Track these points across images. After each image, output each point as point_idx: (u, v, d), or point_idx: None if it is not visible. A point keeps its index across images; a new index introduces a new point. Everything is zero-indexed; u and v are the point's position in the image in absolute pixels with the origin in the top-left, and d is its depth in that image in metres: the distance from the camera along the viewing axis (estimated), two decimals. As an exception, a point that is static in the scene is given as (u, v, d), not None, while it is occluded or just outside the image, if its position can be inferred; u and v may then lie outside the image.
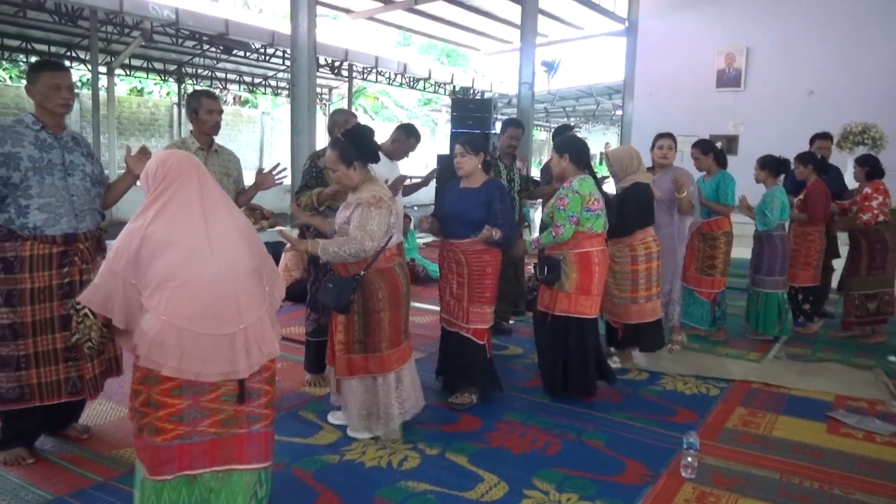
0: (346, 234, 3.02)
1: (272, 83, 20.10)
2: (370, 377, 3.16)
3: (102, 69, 14.52)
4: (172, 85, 20.27)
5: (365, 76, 18.63)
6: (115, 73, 15.47)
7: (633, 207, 4.04)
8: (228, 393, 2.04)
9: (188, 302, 1.96)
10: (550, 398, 3.80)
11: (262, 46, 14.47)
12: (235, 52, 14.86)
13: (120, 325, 1.97)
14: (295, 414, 3.48)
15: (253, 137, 23.36)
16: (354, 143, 3.05)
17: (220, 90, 18.93)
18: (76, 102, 3.31)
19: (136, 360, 2.01)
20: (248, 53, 15.22)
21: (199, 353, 1.97)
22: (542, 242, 3.74)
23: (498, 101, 16.77)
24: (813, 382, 4.19)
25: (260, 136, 23.66)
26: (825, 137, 5.94)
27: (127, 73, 17.16)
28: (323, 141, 6.27)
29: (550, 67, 17.44)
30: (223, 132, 3.55)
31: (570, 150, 3.75)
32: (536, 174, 6.47)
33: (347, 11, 13.37)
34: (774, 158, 5.00)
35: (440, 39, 17.19)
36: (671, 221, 4.58)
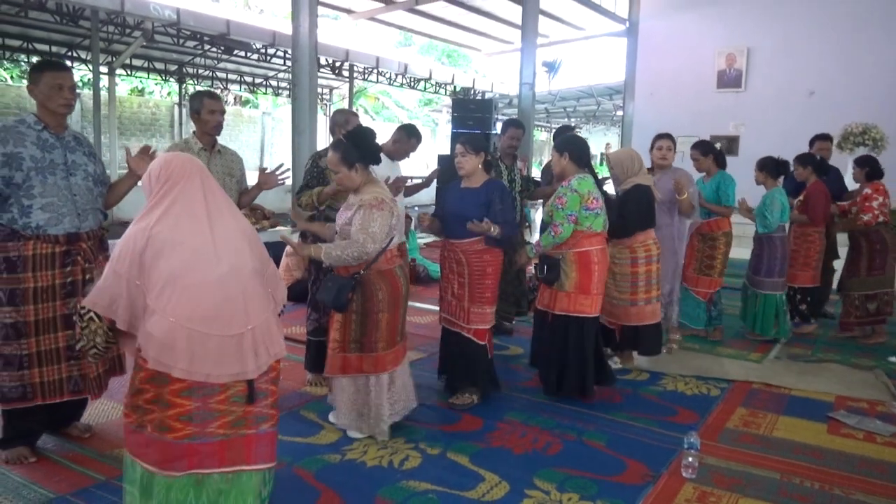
0: (347, 234, 3.02)
1: (273, 83, 20.09)
2: (363, 377, 3.16)
3: (103, 69, 14.52)
4: (173, 85, 20.27)
5: (366, 76, 18.62)
6: (116, 73, 15.45)
7: (633, 209, 4.04)
8: (237, 394, 2.05)
9: (197, 303, 1.96)
10: (550, 398, 3.80)
11: (263, 47, 14.47)
12: (236, 52, 14.87)
13: (123, 326, 1.97)
14: (296, 413, 3.49)
15: (254, 138, 23.35)
16: (356, 144, 3.05)
17: (220, 90, 18.92)
18: (77, 102, 3.31)
19: (138, 359, 2.01)
20: (249, 54, 15.22)
21: (208, 354, 1.97)
22: (542, 245, 3.74)
23: (499, 101, 16.78)
24: (813, 383, 4.20)
25: (261, 136, 23.65)
26: (825, 138, 5.95)
27: (128, 73, 17.15)
28: (324, 141, 6.28)
29: (551, 68, 17.42)
30: (224, 132, 3.56)
31: (569, 148, 3.75)
32: (537, 174, 6.46)
33: (348, 12, 13.38)
34: (773, 160, 5.00)
35: (441, 40, 17.20)
36: (672, 222, 4.58)
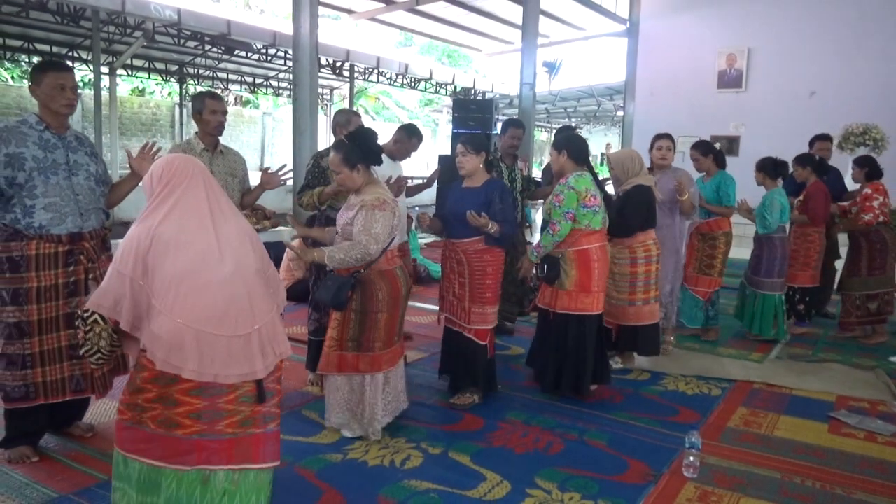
0: (349, 234, 3.02)
1: (274, 83, 20.11)
2: (359, 376, 3.16)
3: (104, 69, 14.52)
4: (174, 85, 20.30)
5: (366, 77, 18.63)
6: (116, 73, 15.45)
7: (634, 209, 4.04)
8: (246, 394, 2.05)
9: (204, 304, 1.96)
10: (551, 398, 3.80)
11: (263, 47, 14.48)
12: (237, 52, 14.88)
13: (126, 327, 1.97)
14: (298, 413, 3.49)
15: (254, 138, 23.38)
16: (358, 145, 3.05)
17: (221, 90, 18.94)
18: (78, 103, 3.29)
19: (142, 359, 2.01)
20: (249, 54, 15.24)
21: (217, 355, 1.97)
22: (543, 246, 3.73)
23: (499, 101, 16.77)
24: (814, 383, 4.20)
25: (261, 136, 23.68)
26: (825, 139, 5.95)
27: (129, 73, 17.17)
28: (324, 141, 6.29)
29: (552, 68, 17.41)
30: (224, 133, 3.56)
31: (568, 146, 3.76)
32: (537, 175, 6.47)
33: (349, 12, 13.39)
34: (772, 161, 5.00)
35: (441, 40, 17.19)
36: (673, 223, 4.59)
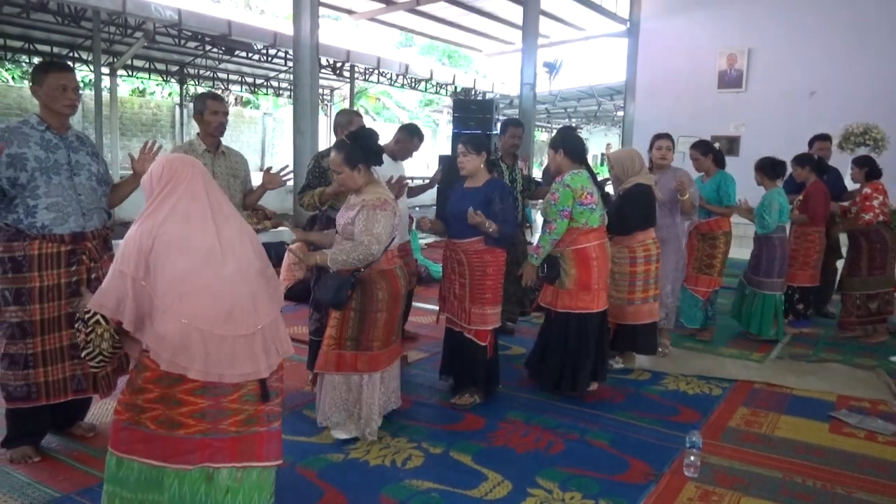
0: (349, 234, 3.02)
1: (274, 84, 20.12)
2: (357, 375, 3.16)
3: (105, 70, 14.54)
4: (175, 86, 20.30)
5: (367, 77, 18.64)
6: (117, 73, 15.46)
7: (633, 208, 4.04)
8: (250, 393, 2.05)
9: (208, 304, 1.96)
10: (552, 397, 3.80)
11: (264, 47, 14.50)
12: (237, 52, 14.90)
13: (129, 328, 1.97)
14: (299, 413, 3.49)
15: (255, 138, 23.38)
16: (359, 145, 3.05)
17: (222, 91, 18.96)
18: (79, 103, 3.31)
19: (144, 359, 2.02)
20: (250, 54, 15.25)
21: (222, 354, 1.97)
22: (541, 245, 3.73)
23: (499, 101, 16.77)
24: (815, 382, 4.20)
25: (262, 136, 23.69)
26: (825, 139, 5.95)
27: (129, 73, 17.18)
28: (325, 141, 6.30)
29: (552, 68, 17.40)
30: (225, 133, 3.57)
31: (564, 144, 3.76)
32: (538, 175, 6.47)
33: (349, 12, 13.41)
34: (770, 161, 4.99)
35: (442, 40, 17.21)
36: (674, 222, 4.58)
